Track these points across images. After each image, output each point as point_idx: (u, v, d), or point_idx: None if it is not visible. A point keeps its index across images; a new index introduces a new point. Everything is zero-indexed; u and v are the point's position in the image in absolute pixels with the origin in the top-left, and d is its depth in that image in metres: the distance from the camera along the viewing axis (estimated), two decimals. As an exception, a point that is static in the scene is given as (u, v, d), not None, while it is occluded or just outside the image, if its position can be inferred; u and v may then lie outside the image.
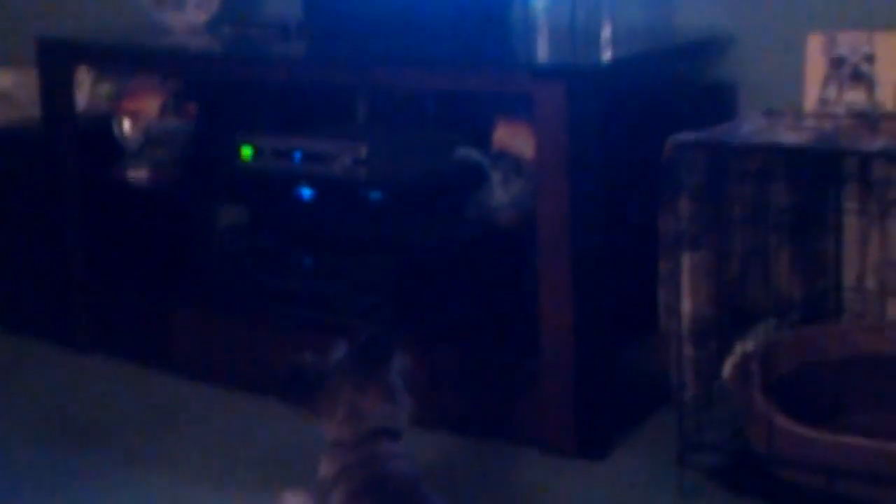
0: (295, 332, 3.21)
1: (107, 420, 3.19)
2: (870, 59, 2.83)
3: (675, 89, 3.17)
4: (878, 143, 2.59)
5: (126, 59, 3.56)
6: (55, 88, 3.57)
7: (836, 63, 2.85)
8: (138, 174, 3.57)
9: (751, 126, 2.80)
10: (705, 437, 2.70)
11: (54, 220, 3.63)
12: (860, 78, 2.83)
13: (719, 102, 3.19)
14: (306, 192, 3.28)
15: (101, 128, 3.61)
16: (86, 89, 3.74)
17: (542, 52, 3.21)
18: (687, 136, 2.68)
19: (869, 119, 2.78)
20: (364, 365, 2.34)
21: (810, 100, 2.87)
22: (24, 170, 3.72)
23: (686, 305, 2.73)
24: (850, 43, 2.84)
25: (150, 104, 3.61)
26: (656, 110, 3.02)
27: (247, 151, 3.35)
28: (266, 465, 2.91)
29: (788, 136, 2.69)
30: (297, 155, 3.28)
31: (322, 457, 2.33)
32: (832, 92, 2.86)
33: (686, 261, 2.72)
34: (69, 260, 3.61)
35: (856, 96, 2.84)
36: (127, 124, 3.61)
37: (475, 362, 3.04)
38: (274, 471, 2.87)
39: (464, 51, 3.22)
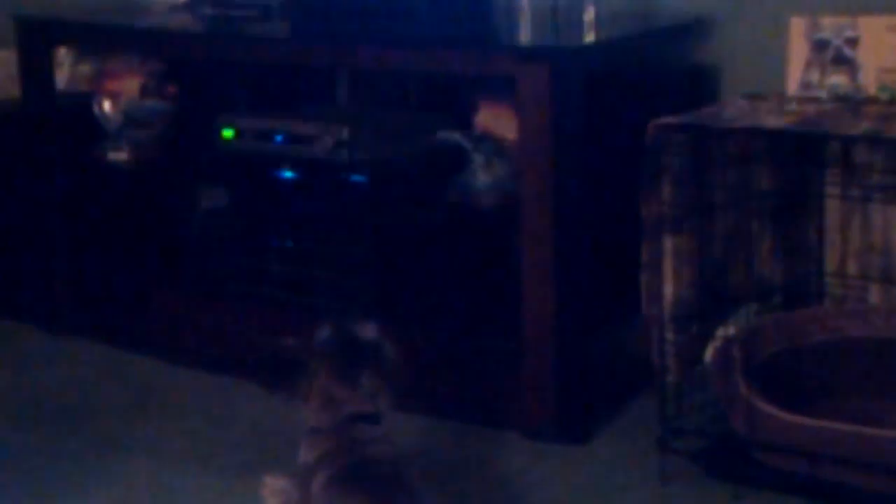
0: (276, 314, 3.20)
1: (85, 403, 3.18)
2: (853, 42, 2.82)
3: (658, 72, 3.16)
4: (860, 128, 2.59)
5: (106, 38, 3.54)
6: (35, 68, 3.55)
7: (819, 46, 2.85)
8: (118, 155, 3.55)
9: (733, 109, 2.79)
10: (686, 422, 2.70)
11: (33, 201, 3.60)
12: (843, 61, 2.83)
13: (702, 85, 3.18)
14: (288, 174, 3.26)
15: (80, 108, 3.59)
16: (65, 69, 3.72)
17: (525, 34, 3.20)
18: (669, 119, 2.67)
19: (851, 103, 2.77)
20: (340, 352, 2.32)
21: (793, 83, 2.86)
22: (3, 150, 3.69)
23: (668, 289, 2.72)
24: (832, 26, 2.83)
25: (131, 84, 3.59)
26: (639, 93, 3.01)
27: (228, 133, 3.34)
28: (247, 448, 2.90)
29: (771, 120, 2.69)
30: (279, 137, 3.26)
31: (301, 442, 2.32)
32: (815, 75, 2.85)
33: (668, 245, 2.72)
34: (48, 241, 3.59)
35: (838, 80, 2.83)
36: (107, 104, 3.59)
37: (457, 346, 3.04)
38: (255, 454, 2.86)
39: (447, 32, 3.20)
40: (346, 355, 2.32)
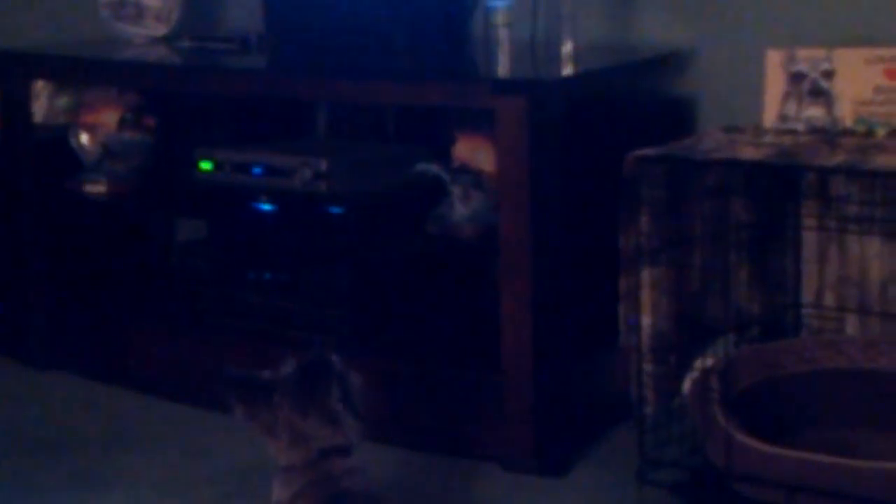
0: (255, 346, 3.19)
1: (64, 437, 3.16)
2: (829, 74, 2.84)
3: (636, 104, 3.17)
4: (836, 159, 2.61)
5: (84, 71, 3.54)
6: (12, 101, 3.54)
7: (796, 79, 2.86)
8: (96, 188, 3.55)
9: (710, 141, 2.80)
10: (665, 454, 2.69)
11: (10, 234, 3.59)
12: (819, 94, 2.84)
13: (679, 117, 3.20)
14: (266, 206, 3.26)
15: (58, 141, 3.59)
16: (43, 102, 3.71)
17: (504, 66, 3.21)
18: (647, 151, 2.68)
19: (828, 135, 2.79)
20: (303, 387, 2.31)
21: (770, 115, 2.88)
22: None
23: (646, 321, 2.73)
24: (809, 59, 2.85)
25: (109, 117, 3.58)
26: (617, 125, 3.02)
27: (206, 165, 3.34)
28: (226, 481, 2.89)
29: (748, 152, 2.70)
30: (257, 169, 3.27)
31: (274, 480, 2.31)
32: (791, 108, 2.87)
33: (646, 276, 2.72)
34: (25, 274, 3.58)
35: (815, 112, 2.85)
36: (85, 137, 3.59)
37: (435, 377, 3.03)
38: (233, 487, 2.85)
39: (425, 65, 3.22)
40: (310, 388, 2.30)
